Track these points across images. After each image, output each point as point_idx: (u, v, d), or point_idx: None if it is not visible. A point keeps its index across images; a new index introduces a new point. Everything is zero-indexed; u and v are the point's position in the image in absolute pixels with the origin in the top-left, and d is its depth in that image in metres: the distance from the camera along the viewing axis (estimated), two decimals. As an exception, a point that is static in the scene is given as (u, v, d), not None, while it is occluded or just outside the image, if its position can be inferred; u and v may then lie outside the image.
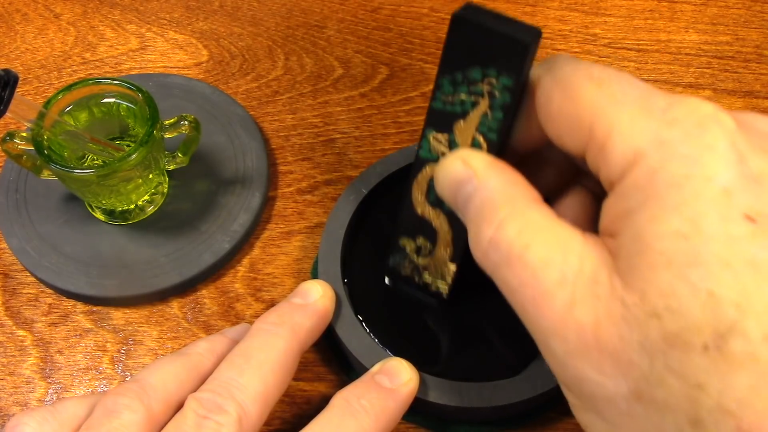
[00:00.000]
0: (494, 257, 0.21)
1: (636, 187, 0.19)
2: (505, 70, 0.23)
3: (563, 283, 0.20)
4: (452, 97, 0.25)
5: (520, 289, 0.21)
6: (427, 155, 0.27)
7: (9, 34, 0.48)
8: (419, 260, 0.31)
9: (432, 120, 0.26)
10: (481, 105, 0.24)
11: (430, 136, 0.26)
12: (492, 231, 0.21)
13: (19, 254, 0.37)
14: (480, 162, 0.23)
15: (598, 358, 0.19)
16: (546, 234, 0.21)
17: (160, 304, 0.36)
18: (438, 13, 0.49)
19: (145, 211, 0.38)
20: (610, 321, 0.19)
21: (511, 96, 0.23)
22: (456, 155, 0.24)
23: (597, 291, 0.19)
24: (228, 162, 0.40)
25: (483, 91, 0.24)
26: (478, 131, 0.25)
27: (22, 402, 0.34)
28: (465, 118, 0.25)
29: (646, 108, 0.20)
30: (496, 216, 0.22)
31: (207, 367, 0.27)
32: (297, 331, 0.28)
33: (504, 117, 0.24)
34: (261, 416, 0.26)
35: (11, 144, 0.34)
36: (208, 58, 0.46)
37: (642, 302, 0.18)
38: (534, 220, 0.21)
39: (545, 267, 0.20)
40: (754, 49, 0.47)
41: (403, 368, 0.29)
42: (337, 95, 0.44)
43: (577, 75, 0.22)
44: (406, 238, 0.31)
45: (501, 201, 0.22)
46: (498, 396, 0.29)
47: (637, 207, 0.19)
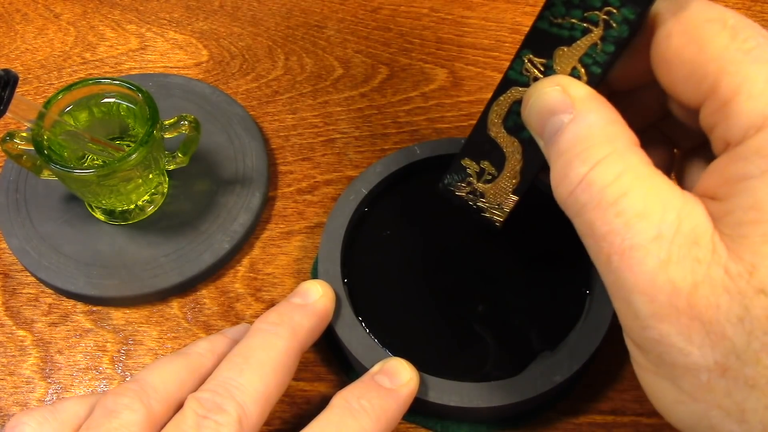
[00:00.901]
0: (582, 198, 0.20)
1: (759, 152, 0.18)
2: (631, 2, 0.21)
3: (659, 239, 0.18)
4: (562, 20, 0.23)
5: (608, 238, 0.19)
6: (517, 77, 0.25)
7: (9, 34, 0.48)
8: (479, 184, 0.29)
9: (532, 40, 0.24)
10: (593, 34, 0.22)
11: (525, 57, 0.24)
12: (585, 169, 0.20)
13: (19, 254, 0.37)
14: (580, 92, 0.21)
15: (688, 324, 0.18)
16: (645, 183, 0.19)
17: (160, 304, 0.36)
18: (438, 13, 0.49)
19: (145, 211, 0.38)
20: (709, 287, 0.18)
21: (630, 30, 0.21)
22: (554, 80, 0.22)
23: (697, 253, 0.18)
24: (228, 162, 0.40)
25: (599, 19, 0.22)
26: (581, 61, 0.23)
27: (22, 402, 0.34)
28: (570, 44, 0.23)
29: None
30: (594, 154, 0.20)
31: (207, 367, 0.27)
32: (297, 331, 0.28)
33: (615, 51, 0.22)
34: (261, 416, 0.26)
35: (11, 144, 0.34)
36: (208, 58, 0.46)
37: (750, 275, 0.17)
38: (634, 166, 0.20)
39: (641, 218, 0.19)
40: (754, 49, 0.47)
41: (403, 368, 0.29)
42: (337, 95, 0.44)
43: (707, 18, 0.20)
44: (470, 159, 0.28)
45: (601, 138, 0.20)
46: (498, 396, 0.29)
47: (757, 174, 0.18)
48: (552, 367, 0.30)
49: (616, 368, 0.33)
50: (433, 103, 0.44)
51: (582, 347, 0.30)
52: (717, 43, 0.19)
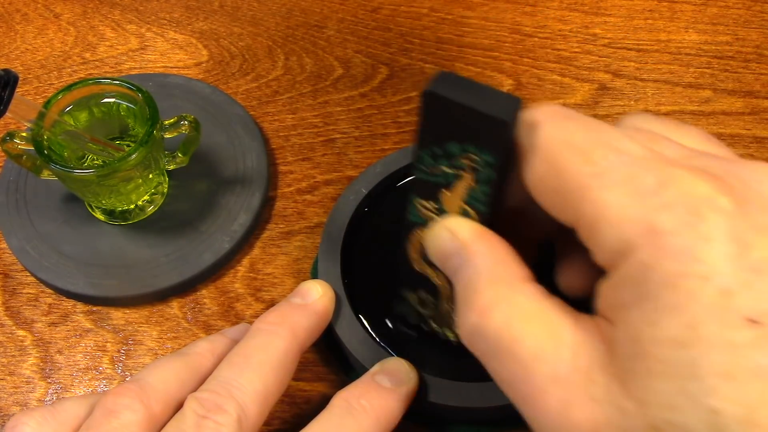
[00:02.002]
0: (481, 346, 0.20)
1: (630, 281, 0.18)
2: (485, 147, 0.21)
3: (556, 381, 0.19)
4: (434, 169, 0.23)
5: (512, 385, 0.20)
6: (416, 219, 0.25)
7: (9, 34, 0.48)
8: (424, 311, 0.30)
9: (417, 189, 0.24)
10: (465, 178, 0.23)
11: (416, 202, 0.25)
12: (476, 318, 0.20)
13: (19, 254, 0.37)
14: (467, 234, 0.22)
15: None
16: (535, 322, 0.20)
17: (160, 304, 0.36)
18: (438, 13, 0.49)
19: (145, 211, 0.38)
20: (607, 427, 0.18)
21: (496, 172, 0.22)
22: (443, 225, 0.23)
23: (593, 392, 0.18)
24: (228, 162, 0.40)
25: (465, 165, 0.22)
26: (465, 202, 0.23)
27: (22, 402, 0.34)
28: (450, 189, 0.23)
29: (635, 189, 0.18)
30: (482, 300, 0.20)
31: (207, 367, 0.27)
32: (297, 331, 0.28)
33: (491, 190, 0.22)
34: (261, 416, 0.26)
35: (11, 144, 0.34)
36: (208, 58, 0.46)
37: (641, 412, 0.17)
38: (521, 306, 0.20)
39: (536, 361, 0.19)
40: (754, 49, 0.47)
41: (403, 368, 0.29)
42: (337, 95, 0.44)
43: (559, 146, 0.20)
44: (408, 290, 0.29)
45: (486, 282, 0.21)
46: (498, 396, 0.29)
47: (632, 303, 0.18)
48: (552, 367, 0.30)
49: (616, 368, 0.33)
50: (433, 103, 0.44)
51: (582, 347, 0.30)
52: (572, 171, 0.19)
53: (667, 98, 0.44)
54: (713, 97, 0.44)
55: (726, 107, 0.44)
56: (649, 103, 0.44)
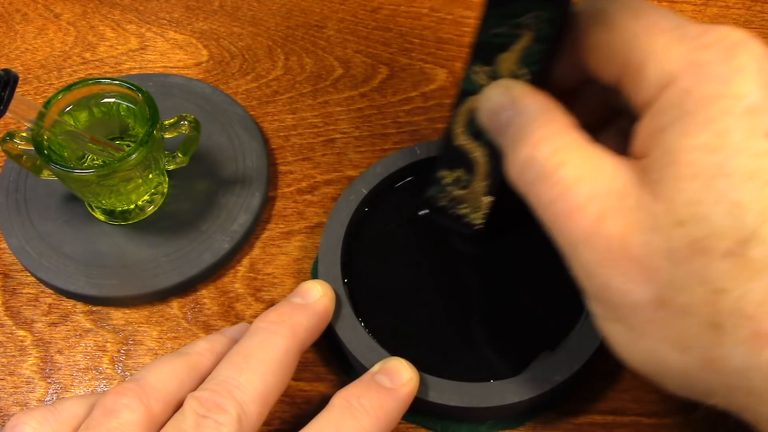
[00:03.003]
0: (528, 175, 0.23)
1: (669, 106, 0.20)
2: (548, 3, 0.24)
3: (594, 198, 0.21)
4: (497, 30, 0.26)
5: (552, 204, 0.22)
6: (470, 87, 0.28)
7: (9, 34, 0.48)
8: (456, 192, 0.31)
9: (477, 53, 0.27)
10: (524, 37, 0.25)
11: (474, 68, 0.27)
12: (528, 150, 0.23)
13: (19, 254, 0.37)
14: (520, 89, 0.24)
15: (625, 265, 0.20)
16: (579, 154, 0.22)
17: (160, 304, 0.36)
18: (438, 13, 0.49)
19: (145, 211, 0.38)
20: (638, 230, 0.20)
21: (554, 28, 0.24)
22: (497, 84, 0.25)
23: (626, 204, 0.20)
24: (228, 162, 0.40)
25: (528, 23, 0.25)
26: (520, 63, 0.26)
27: (22, 402, 0.34)
28: (508, 50, 0.26)
29: (680, 34, 0.21)
30: (533, 136, 0.23)
31: (206, 366, 0.27)
32: (297, 331, 0.28)
33: (546, 49, 0.25)
34: (260, 415, 0.26)
35: (11, 144, 0.34)
36: (208, 58, 0.46)
37: (669, 211, 0.19)
38: (568, 142, 0.22)
39: (577, 183, 0.21)
40: (754, 49, 0.47)
41: (403, 368, 0.29)
42: (337, 95, 0.44)
43: (615, 6, 0.23)
44: (444, 170, 0.31)
45: (538, 123, 0.23)
46: (498, 396, 0.29)
47: (668, 124, 0.20)
48: (552, 367, 0.30)
49: (616, 368, 0.33)
50: (433, 103, 0.44)
51: (582, 347, 0.30)
52: (624, 24, 0.22)
53: (667, 98, 0.44)
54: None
55: (726, 107, 0.44)
56: (649, 103, 0.44)
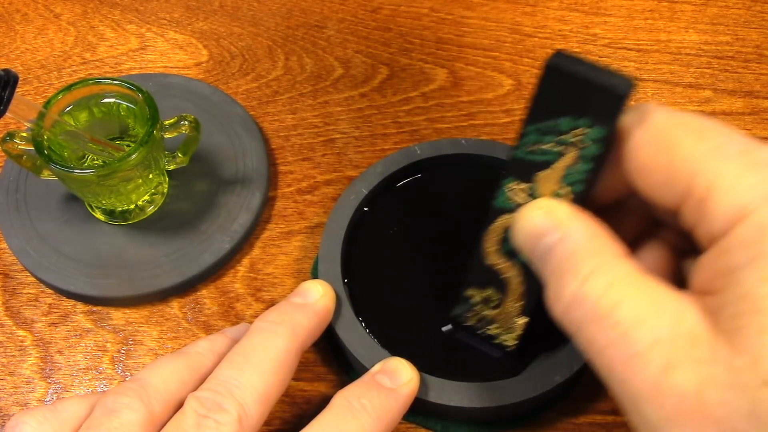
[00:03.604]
0: (578, 314, 0.20)
1: (743, 243, 0.18)
2: (598, 121, 0.22)
3: (658, 345, 0.18)
4: (538, 147, 0.24)
5: (608, 350, 0.19)
6: (504, 205, 0.26)
7: (9, 34, 0.48)
8: (486, 312, 0.30)
9: (513, 168, 0.25)
10: (568, 156, 0.23)
11: (509, 185, 0.25)
12: (576, 285, 0.20)
13: (19, 254, 0.37)
14: (563, 212, 0.22)
15: (700, 425, 0.18)
16: (636, 290, 0.20)
17: (160, 304, 0.36)
18: (438, 13, 0.49)
19: (145, 211, 0.38)
20: (714, 387, 0.18)
21: (602, 147, 0.22)
22: (538, 204, 0.23)
23: (697, 354, 0.18)
24: (228, 162, 0.40)
25: (572, 141, 0.23)
26: (562, 182, 0.24)
27: (22, 402, 0.34)
28: (549, 168, 0.24)
29: (751, 161, 0.19)
30: (581, 269, 0.20)
31: (207, 366, 0.27)
32: (297, 331, 0.28)
33: (591, 169, 0.23)
34: (261, 415, 0.26)
35: (11, 144, 0.34)
36: (208, 58, 0.46)
37: (753, 367, 0.17)
38: (623, 275, 0.20)
39: (637, 326, 0.19)
40: (754, 49, 0.47)
41: (403, 368, 0.29)
42: (337, 95, 0.44)
43: (672, 125, 0.21)
44: (473, 288, 0.29)
45: (586, 253, 0.21)
46: (498, 396, 0.29)
47: (744, 264, 0.18)
48: (552, 367, 0.30)
49: (616, 368, 0.33)
50: (433, 103, 0.44)
51: (582, 347, 0.30)
52: (685, 146, 0.20)
53: (667, 98, 0.44)
54: (713, 97, 0.44)
55: (726, 107, 0.44)
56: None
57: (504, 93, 0.44)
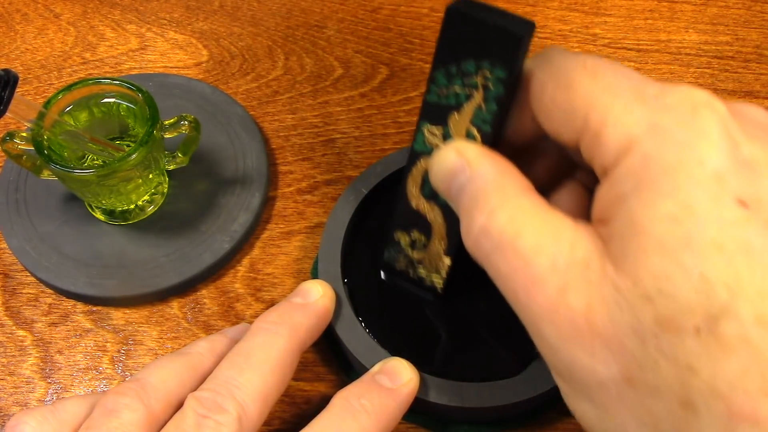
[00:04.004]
0: (485, 245, 0.21)
1: (629, 173, 0.19)
2: (499, 63, 0.23)
3: (555, 270, 0.20)
4: (446, 90, 0.25)
5: (512, 276, 0.21)
6: (422, 148, 0.27)
7: (9, 34, 0.48)
8: (414, 254, 0.31)
9: (426, 113, 0.26)
10: (475, 97, 0.24)
11: (424, 128, 0.26)
12: (483, 218, 0.22)
13: (19, 254, 0.37)
14: (473, 152, 0.23)
15: (590, 342, 0.19)
16: (537, 221, 0.21)
17: (160, 304, 0.36)
18: (438, 13, 0.49)
19: (145, 211, 0.38)
20: (602, 305, 0.19)
21: (505, 88, 0.24)
22: (450, 146, 0.24)
23: (589, 276, 0.19)
24: (228, 162, 0.40)
25: (477, 83, 0.24)
26: (472, 123, 0.25)
27: (22, 402, 0.34)
28: (459, 111, 0.25)
29: (639, 96, 0.20)
30: (488, 204, 0.22)
31: (207, 366, 0.27)
32: (297, 331, 0.28)
33: (498, 109, 0.24)
34: (261, 415, 0.26)
35: (11, 144, 0.34)
36: (208, 58, 0.46)
37: (634, 286, 0.18)
38: (525, 208, 0.21)
39: (536, 253, 0.20)
40: (754, 49, 0.47)
41: (403, 368, 0.29)
42: (337, 95, 0.44)
43: (570, 66, 0.22)
44: (401, 231, 0.31)
45: (492, 189, 0.22)
46: (498, 396, 0.29)
47: (630, 192, 0.19)
48: (552, 366, 0.30)
49: (616, 368, 0.33)
50: (433, 103, 0.44)
51: (582, 347, 0.30)
52: (581, 84, 0.21)
53: (667, 98, 0.44)
54: (713, 97, 0.44)
55: (726, 107, 0.44)
56: (649, 103, 0.44)
57: (504, 93, 0.44)
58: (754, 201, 0.18)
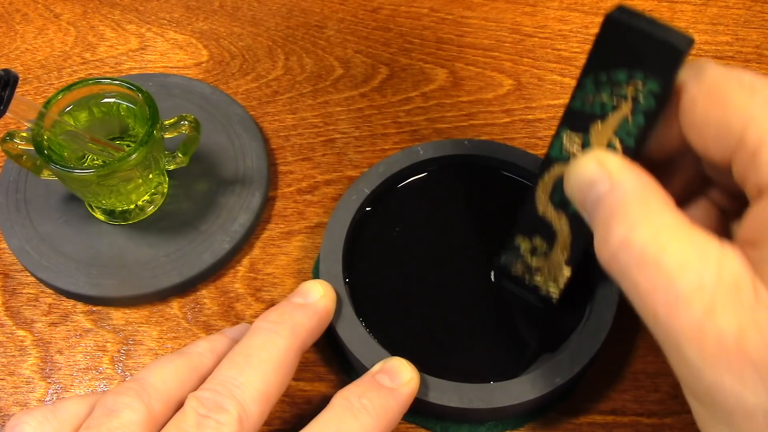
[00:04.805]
0: (624, 259, 0.21)
1: None
2: (654, 75, 0.23)
3: (701, 289, 0.19)
4: (593, 98, 0.24)
5: (652, 294, 0.20)
6: (558, 154, 0.26)
7: (9, 34, 0.48)
8: (533, 261, 0.30)
9: (568, 119, 0.25)
10: (622, 108, 0.24)
11: (564, 135, 0.26)
12: (624, 231, 0.21)
13: (19, 254, 0.37)
14: (615, 163, 0.23)
15: (739, 367, 0.18)
16: (682, 238, 0.20)
17: (160, 304, 0.36)
18: (438, 13, 0.49)
19: (145, 211, 0.38)
20: (755, 329, 0.18)
21: (657, 102, 0.23)
22: (591, 155, 0.23)
23: (740, 298, 0.19)
24: (228, 162, 0.40)
25: (627, 94, 0.23)
26: (615, 134, 0.24)
27: (22, 402, 0.34)
28: (603, 120, 0.24)
29: None
30: (630, 216, 0.21)
31: (207, 366, 0.27)
32: (297, 331, 0.28)
33: (645, 123, 0.23)
34: (261, 415, 0.26)
35: (11, 144, 0.34)
36: (208, 58, 0.46)
37: None
38: (669, 224, 0.21)
39: (682, 271, 0.19)
40: (754, 49, 0.47)
41: (403, 368, 0.29)
42: (337, 95, 0.44)
43: (726, 81, 0.21)
44: (522, 237, 0.30)
45: (635, 202, 0.21)
46: (498, 397, 0.29)
47: None
48: (553, 368, 0.30)
49: (616, 369, 0.33)
50: (433, 103, 0.44)
51: (583, 349, 0.30)
52: (738, 99, 0.21)
53: (667, 98, 0.44)
54: (713, 97, 0.44)
55: (726, 107, 0.44)
56: (649, 103, 0.44)
57: (504, 93, 0.44)
58: None
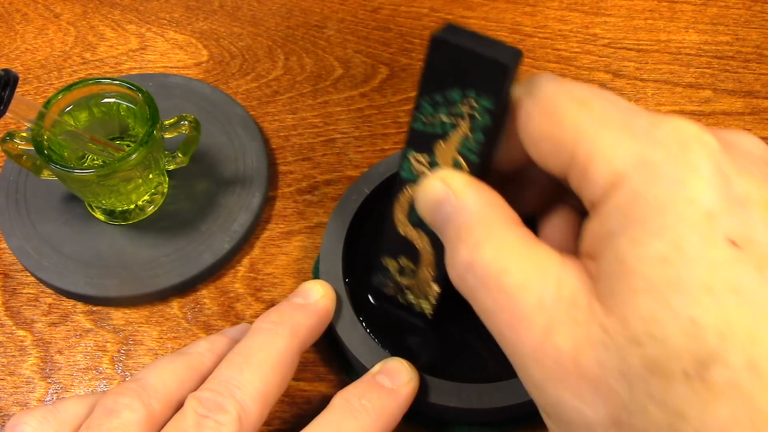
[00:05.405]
0: (470, 280, 0.21)
1: (618, 209, 0.19)
2: (484, 92, 0.22)
3: (541, 308, 0.19)
4: (432, 118, 0.24)
5: (497, 314, 0.20)
6: (408, 175, 0.26)
7: (9, 34, 0.48)
8: (402, 280, 0.30)
9: (413, 140, 0.25)
10: (461, 126, 0.24)
11: (410, 156, 0.26)
12: (468, 252, 0.21)
13: (19, 254, 0.37)
14: (459, 182, 0.23)
15: (576, 384, 0.19)
16: (523, 257, 0.20)
17: (160, 304, 0.36)
18: (438, 13, 0.49)
19: (145, 211, 0.38)
20: (589, 346, 0.18)
21: (492, 118, 0.23)
22: (435, 175, 0.23)
23: (576, 315, 0.19)
24: (228, 162, 0.40)
25: (463, 112, 0.23)
26: (458, 152, 0.24)
27: (22, 402, 0.34)
28: (445, 139, 0.24)
29: (628, 128, 0.20)
30: (473, 237, 0.21)
31: (207, 366, 0.27)
32: (297, 331, 0.28)
33: (485, 139, 0.23)
34: (261, 415, 0.26)
35: (11, 144, 0.34)
36: (208, 58, 0.46)
37: (622, 328, 0.18)
38: (511, 242, 0.21)
39: (522, 291, 0.20)
40: (754, 49, 0.47)
41: (403, 368, 0.29)
42: (337, 95, 0.44)
43: (558, 95, 0.21)
44: (388, 257, 0.30)
45: (477, 222, 0.22)
46: (498, 397, 0.29)
47: (619, 230, 0.19)
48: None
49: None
50: (433, 103, 0.44)
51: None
52: (569, 115, 0.21)
53: (667, 98, 0.44)
54: (713, 97, 0.44)
55: (726, 107, 0.44)
56: (649, 103, 0.44)
57: (504, 93, 0.44)
58: (745, 241, 0.18)
